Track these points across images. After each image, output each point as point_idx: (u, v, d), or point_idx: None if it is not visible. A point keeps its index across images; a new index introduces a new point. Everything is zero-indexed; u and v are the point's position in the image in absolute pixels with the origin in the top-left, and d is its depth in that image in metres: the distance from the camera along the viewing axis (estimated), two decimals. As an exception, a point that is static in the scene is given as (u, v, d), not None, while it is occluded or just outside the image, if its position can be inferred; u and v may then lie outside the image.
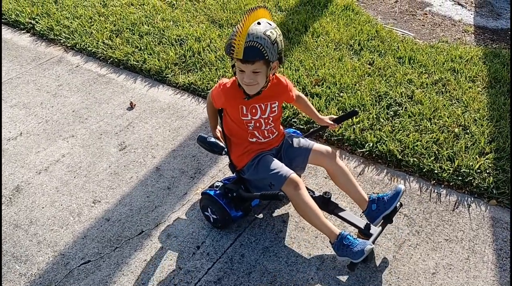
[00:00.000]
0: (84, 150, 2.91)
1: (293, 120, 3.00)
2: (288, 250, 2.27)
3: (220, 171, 2.71)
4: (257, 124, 2.17)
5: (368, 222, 2.11)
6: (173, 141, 2.95)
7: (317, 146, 2.28)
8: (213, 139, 2.24)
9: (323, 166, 2.32)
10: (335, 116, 2.39)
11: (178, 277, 2.16)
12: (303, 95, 2.38)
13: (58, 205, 2.55)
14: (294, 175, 2.10)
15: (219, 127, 2.35)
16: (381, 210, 2.15)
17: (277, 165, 2.16)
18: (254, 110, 2.13)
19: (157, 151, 2.88)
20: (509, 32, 4.06)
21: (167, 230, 2.38)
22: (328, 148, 2.28)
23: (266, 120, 2.18)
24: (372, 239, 2.06)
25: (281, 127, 2.35)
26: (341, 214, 2.22)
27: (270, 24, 1.92)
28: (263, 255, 2.25)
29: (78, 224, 2.44)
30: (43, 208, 2.53)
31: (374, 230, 2.10)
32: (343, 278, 2.13)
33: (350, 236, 2.02)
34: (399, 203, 2.21)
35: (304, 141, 2.31)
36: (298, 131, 2.67)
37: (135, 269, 2.20)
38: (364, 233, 2.11)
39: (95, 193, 2.61)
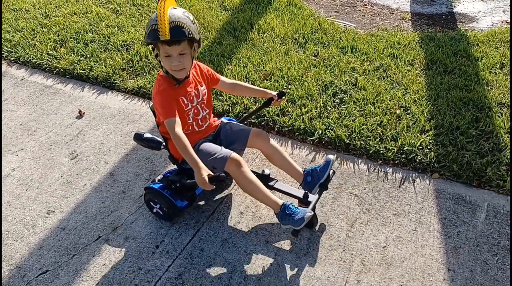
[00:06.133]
0: (35, 162, 2.86)
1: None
2: (246, 240, 2.32)
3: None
4: (195, 111, 2.27)
5: (306, 192, 2.26)
6: (125, 146, 2.95)
7: (254, 129, 2.44)
8: (149, 135, 2.27)
9: (258, 147, 2.47)
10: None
11: (139, 277, 2.17)
12: (238, 81, 2.56)
13: (11, 219, 2.50)
14: (234, 154, 2.19)
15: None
16: (315, 180, 2.34)
17: (216, 148, 2.26)
18: (191, 97, 2.23)
19: (110, 157, 2.87)
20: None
21: (124, 233, 2.39)
22: (262, 131, 2.44)
23: (202, 105, 2.30)
24: (311, 206, 2.21)
25: (213, 115, 2.47)
26: (280, 188, 2.37)
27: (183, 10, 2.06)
28: (222, 247, 2.29)
29: (33, 235, 2.40)
30: (-5, 224, 2.48)
31: (312, 197, 2.26)
32: (300, 262, 2.20)
33: (292, 205, 2.16)
34: (332, 170, 2.40)
35: (243, 127, 2.46)
36: (234, 119, 2.76)
37: (94, 274, 2.20)
38: (304, 201, 2.26)
39: (49, 204, 2.57)
